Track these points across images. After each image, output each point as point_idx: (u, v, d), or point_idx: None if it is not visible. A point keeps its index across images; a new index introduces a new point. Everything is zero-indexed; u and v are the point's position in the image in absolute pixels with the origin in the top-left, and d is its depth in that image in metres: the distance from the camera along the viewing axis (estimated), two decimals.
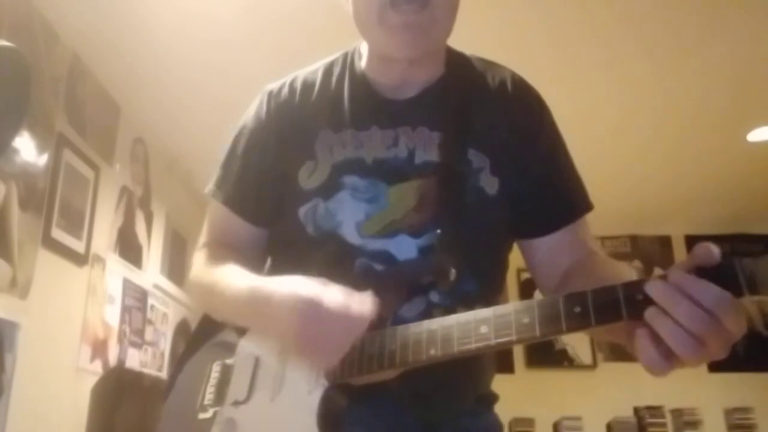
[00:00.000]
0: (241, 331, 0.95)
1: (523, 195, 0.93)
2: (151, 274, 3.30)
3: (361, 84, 0.99)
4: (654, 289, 0.59)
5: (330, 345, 0.75)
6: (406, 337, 0.75)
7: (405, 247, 0.87)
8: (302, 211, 0.93)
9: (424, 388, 0.85)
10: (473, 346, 0.70)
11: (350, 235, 0.89)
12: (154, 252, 3.36)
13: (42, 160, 2.27)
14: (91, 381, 2.52)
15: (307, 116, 0.99)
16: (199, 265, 1.01)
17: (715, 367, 4.56)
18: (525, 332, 0.66)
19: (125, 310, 2.92)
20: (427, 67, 0.97)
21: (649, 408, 4.27)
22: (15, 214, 2.09)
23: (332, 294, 0.76)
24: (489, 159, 0.92)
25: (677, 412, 4.28)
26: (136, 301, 3.06)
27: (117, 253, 2.88)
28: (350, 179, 0.92)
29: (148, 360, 3.19)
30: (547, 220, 0.94)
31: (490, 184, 0.92)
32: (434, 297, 0.87)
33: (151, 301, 3.26)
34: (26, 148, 2.17)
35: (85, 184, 2.60)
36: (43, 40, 2.30)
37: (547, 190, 0.95)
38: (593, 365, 4.55)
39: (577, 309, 0.63)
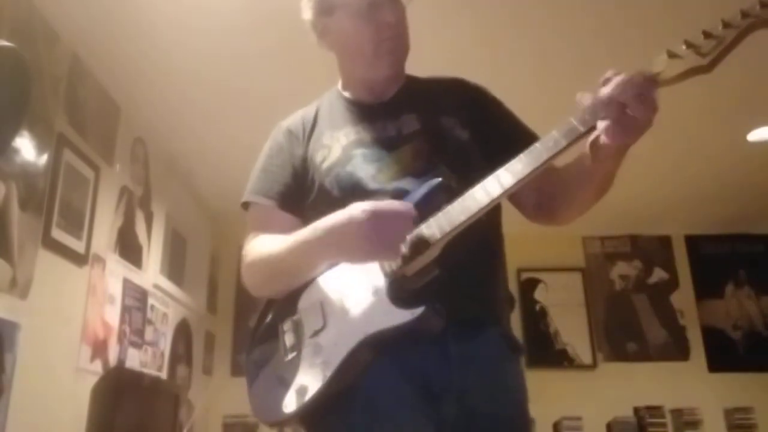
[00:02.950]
0: (294, 300, 1.12)
1: (490, 139, 1.20)
2: (151, 274, 3.30)
3: (348, 102, 1.30)
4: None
5: (392, 236, 0.99)
6: (438, 219, 1.01)
7: (412, 185, 1.11)
8: (327, 181, 1.17)
9: (459, 287, 1.07)
10: (499, 191, 0.99)
11: (370, 184, 1.13)
12: (154, 252, 3.36)
13: (42, 160, 2.27)
14: (91, 381, 2.52)
15: (313, 131, 1.27)
16: (249, 249, 1.21)
17: (715, 367, 4.57)
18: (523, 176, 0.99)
19: (125, 310, 2.92)
20: (395, 83, 1.30)
21: (649, 408, 4.27)
22: (15, 214, 2.09)
23: (381, 203, 1.02)
24: (458, 119, 1.21)
25: (677, 412, 4.28)
26: (136, 301, 3.06)
27: (117, 253, 2.87)
28: (359, 151, 1.18)
29: (148, 360, 3.19)
30: (510, 154, 1.08)
31: (462, 133, 1.20)
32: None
33: (151, 301, 3.25)
34: (26, 148, 2.17)
35: (85, 184, 2.59)
36: (43, 40, 2.30)
37: (507, 133, 1.22)
38: (593, 365, 4.56)
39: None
